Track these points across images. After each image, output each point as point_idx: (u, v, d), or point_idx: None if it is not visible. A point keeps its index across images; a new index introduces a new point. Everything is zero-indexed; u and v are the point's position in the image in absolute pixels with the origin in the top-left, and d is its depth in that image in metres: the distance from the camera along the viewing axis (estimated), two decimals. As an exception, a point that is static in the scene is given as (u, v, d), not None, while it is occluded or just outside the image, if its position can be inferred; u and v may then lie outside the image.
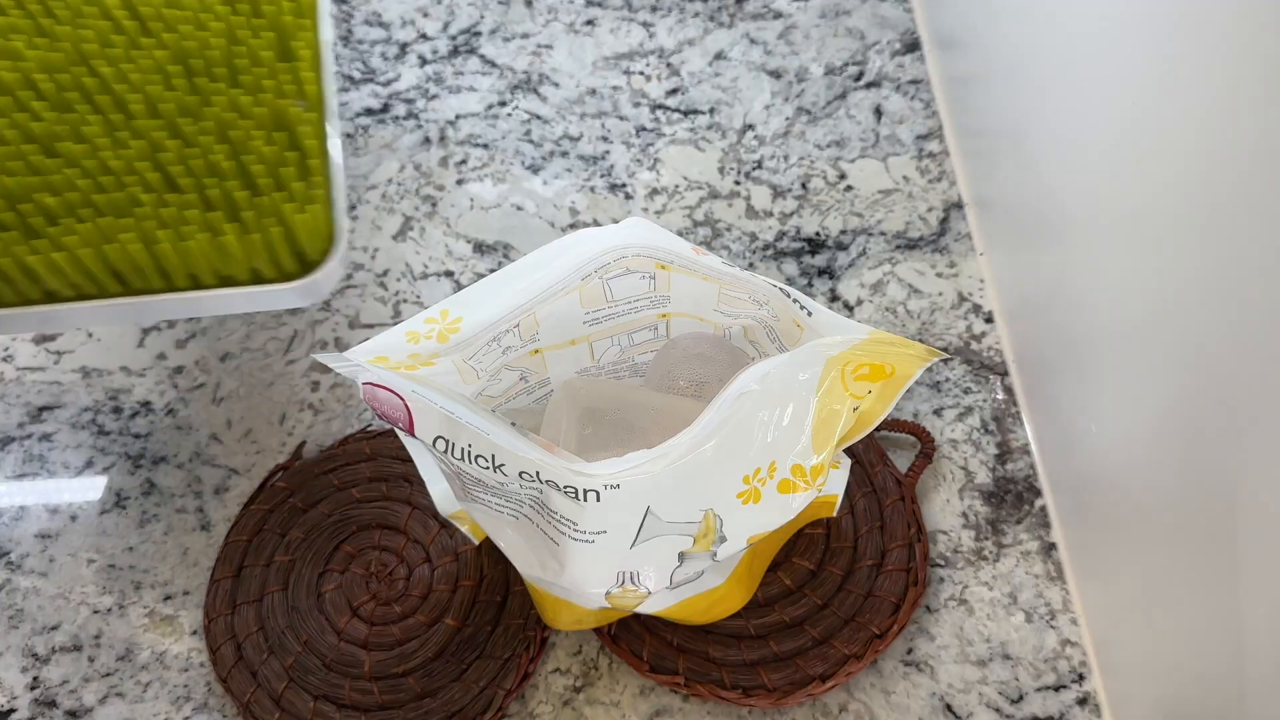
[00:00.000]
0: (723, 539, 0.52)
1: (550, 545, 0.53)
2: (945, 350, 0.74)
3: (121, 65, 0.60)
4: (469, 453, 0.50)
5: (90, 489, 0.70)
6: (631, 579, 0.53)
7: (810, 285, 0.77)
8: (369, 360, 0.53)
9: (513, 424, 0.55)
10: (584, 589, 0.53)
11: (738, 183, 0.82)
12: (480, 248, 0.79)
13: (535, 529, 0.53)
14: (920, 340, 0.74)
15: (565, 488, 0.50)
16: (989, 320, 0.75)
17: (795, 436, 0.52)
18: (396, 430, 0.51)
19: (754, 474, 0.52)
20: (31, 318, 0.58)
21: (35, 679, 0.64)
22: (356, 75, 0.87)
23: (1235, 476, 0.47)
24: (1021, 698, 0.62)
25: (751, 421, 0.51)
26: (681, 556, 0.53)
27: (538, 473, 0.50)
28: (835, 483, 0.61)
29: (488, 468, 0.50)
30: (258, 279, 0.59)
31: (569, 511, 0.51)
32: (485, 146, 0.84)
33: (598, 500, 0.50)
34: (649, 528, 0.51)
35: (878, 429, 0.69)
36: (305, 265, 0.59)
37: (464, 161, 0.83)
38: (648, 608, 0.56)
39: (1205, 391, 0.49)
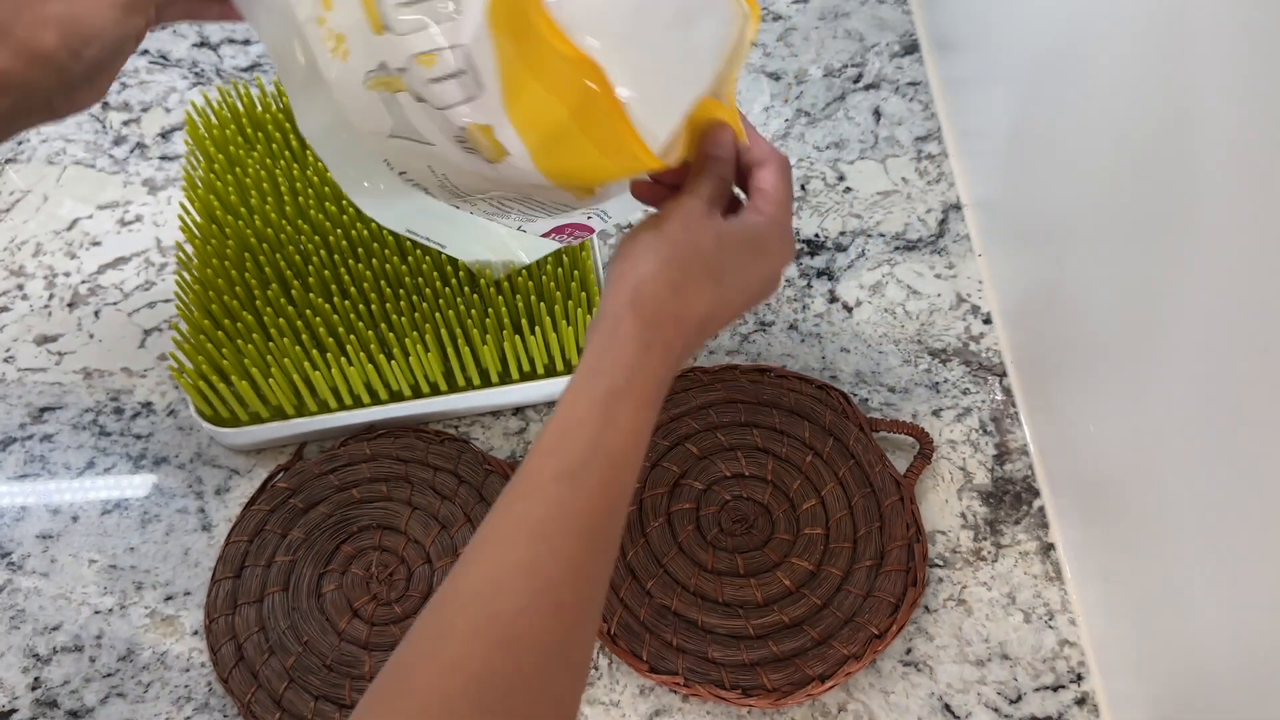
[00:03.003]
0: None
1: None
2: (944, 351, 0.74)
3: None
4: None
5: (91, 489, 0.71)
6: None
7: (809, 286, 0.77)
8: None
9: None
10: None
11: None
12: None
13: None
14: (919, 341, 0.74)
15: None
16: (987, 321, 0.75)
17: None
18: None
19: None
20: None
21: (36, 679, 0.65)
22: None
23: (1234, 476, 0.47)
24: (1020, 698, 0.63)
25: None
26: None
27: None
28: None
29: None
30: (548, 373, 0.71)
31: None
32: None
33: None
34: None
35: (877, 429, 0.69)
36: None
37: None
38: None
39: (1205, 391, 0.49)
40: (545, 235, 0.60)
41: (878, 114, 0.85)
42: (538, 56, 0.45)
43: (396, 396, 0.70)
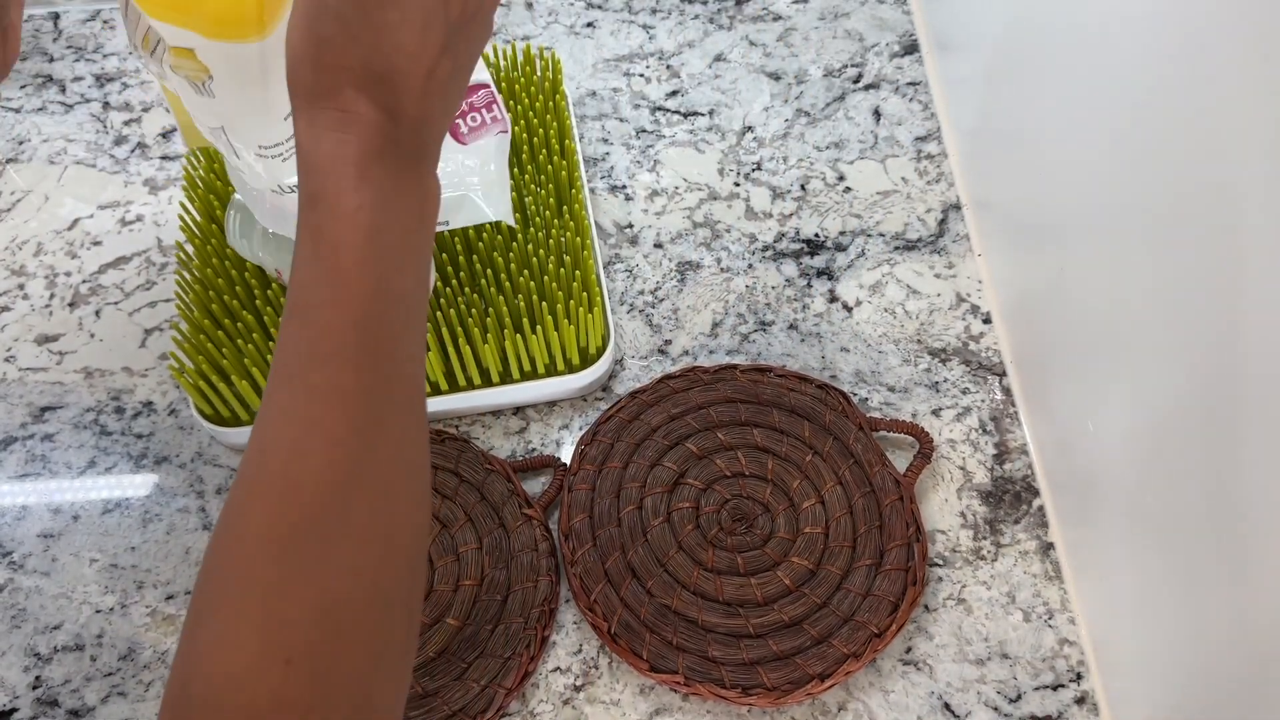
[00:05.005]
0: None
1: None
2: (943, 350, 0.74)
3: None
4: None
5: (92, 489, 0.71)
6: None
7: (809, 286, 0.77)
8: None
9: None
10: None
11: (737, 184, 0.82)
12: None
13: None
14: (919, 341, 0.74)
15: None
16: (987, 321, 0.75)
17: None
18: None
19: None
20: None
21: (37, 678, 0.65)
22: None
23: (1234, 476, 0.47)
24: (1020, 697, 0.63)
25: None
26: None
27: None
28: None
29: None
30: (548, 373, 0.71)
31: None
32: (486, 148, 0.84)
33: None
34: None
35: (876, 429, 0.69)
36: (583, 361, 0.71)
37: (464, 163, 0.83)
38: None
39: (1204, 391, 0.49)
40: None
41: (877, 114, 0.85)
42: None
43: None
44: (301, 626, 0.36)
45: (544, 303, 0.68)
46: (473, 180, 0.62)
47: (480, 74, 0.63)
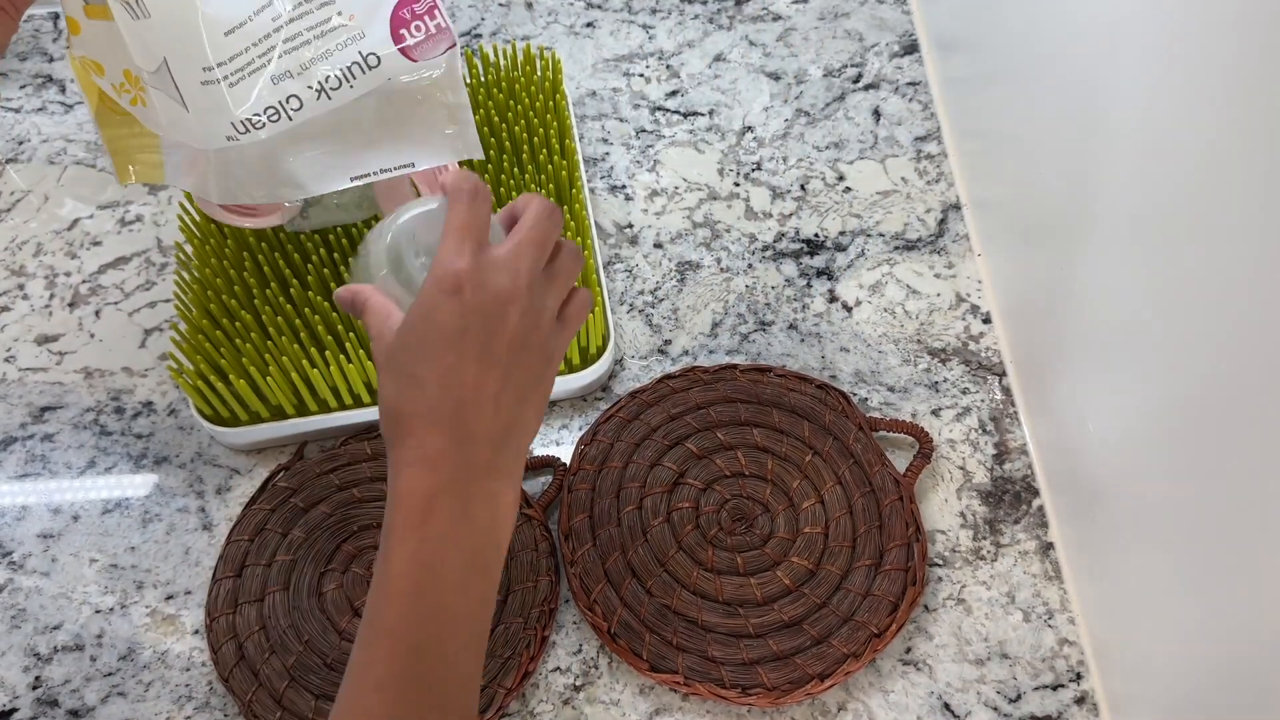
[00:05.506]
0: None
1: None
2: (943, 350, 0.74)
3: None
4: None
5: (92, 489, 0.71)
6: None
7: (809, 286, 0.77)
8: None
9: None
10: None
11: (737, 184, 0.82)
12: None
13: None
14: (919, 341, 0.74)
15: None
16: (987, 321, 0.75)
17: None
18: None
19: None
20: None
21: (37, 678, 0.65)
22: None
23: (1233, 476, 0.47)
24: (1019, 697, 0.63)
25: None
26: None
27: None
28: None
29: None
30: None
31: None
32: (485, 148, 0.84)
33: None
34: None
35: (876, 429, 0.69)
36: (583, 361, 0.71)
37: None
38: None
39: (1204, 391, 0.49)
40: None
41: (877, 114, 0.85)
42: None
43: None
44: None
45: None
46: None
47: None
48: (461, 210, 0.45)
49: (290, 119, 0.52)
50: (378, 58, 0.50)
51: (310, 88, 0.51)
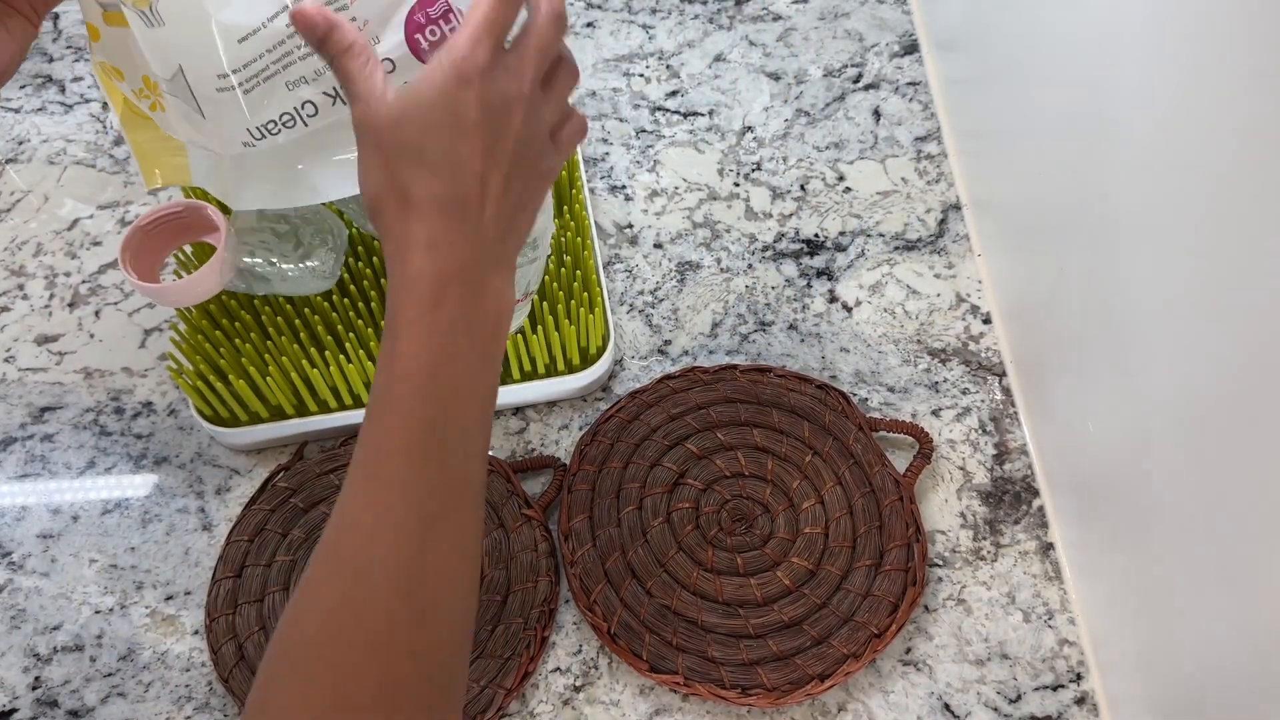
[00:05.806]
0: None
1: None
2: (943, 351, 0.74)
3: None
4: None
5: (92, 489, 0.71)
6: None
7: (809, 286, 0.77)
8: None
9: None
10: None
11: (737, 184, 0.82)
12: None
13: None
14: (919, 341, 0.74)
15: None
16: (987, 321, 0.75)
17: None
18: None
19: None
20: None
21: (37, 679, 0.65)
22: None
23: (1233, 476, 0.47)
24: (1019, 697, 0.63)
25: None
26: None
27: None
28: None
29: None
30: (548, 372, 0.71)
31: None
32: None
33: None
34: None
35: (876, 429, 0.69)
36: (583, 361, 0.71)
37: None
38: None
39: (1204, 391, 0.49)
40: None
41: (877, 114, 0.85)
42: None
43: None
44: (364, 711, 0.40)
45: (544, 303, 0.68)
46: None
47: None
48: (491, 3, 0.44)
49: (306, 125, 0.52)
50: (392, 63, 0.50)
51: (325, 93, 0.51)
